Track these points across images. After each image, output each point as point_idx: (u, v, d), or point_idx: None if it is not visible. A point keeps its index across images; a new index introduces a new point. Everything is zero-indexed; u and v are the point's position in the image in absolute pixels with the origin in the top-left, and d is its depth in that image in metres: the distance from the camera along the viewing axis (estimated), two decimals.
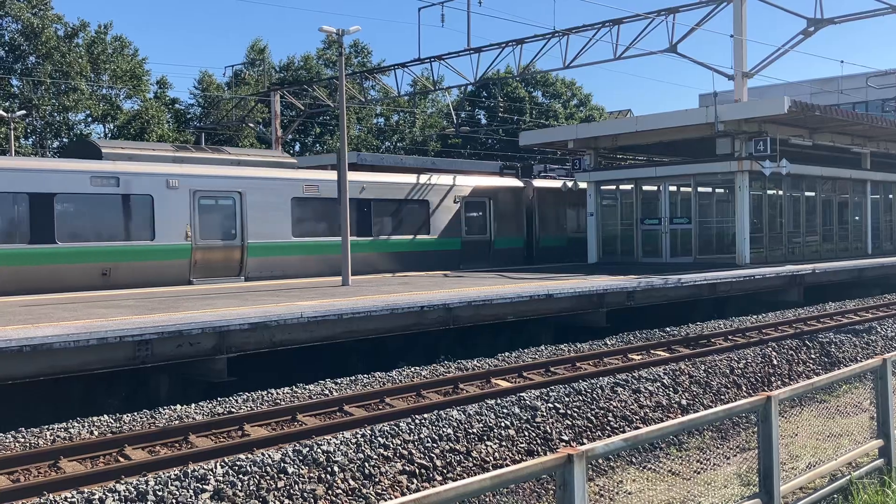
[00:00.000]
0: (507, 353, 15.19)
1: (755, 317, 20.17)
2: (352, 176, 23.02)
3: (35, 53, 48.14)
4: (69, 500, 7.32)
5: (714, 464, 9.08)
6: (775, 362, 14.83)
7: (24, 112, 44.16)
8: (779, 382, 14.09)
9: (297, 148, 61.91)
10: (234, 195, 21.88)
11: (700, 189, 28.03)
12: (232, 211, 21.90)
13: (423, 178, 27.33)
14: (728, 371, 13.85)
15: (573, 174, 31.36)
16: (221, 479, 7.93)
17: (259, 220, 22.20)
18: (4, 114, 40.88)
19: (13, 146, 40.77)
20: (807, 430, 9.54)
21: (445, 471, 9.11)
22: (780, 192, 28.62)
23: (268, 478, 8.11)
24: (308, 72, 59.42)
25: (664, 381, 12.74)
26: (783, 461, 7.31)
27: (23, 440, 9.74)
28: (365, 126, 62.91)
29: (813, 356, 15.71)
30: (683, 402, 12.32)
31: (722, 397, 12.92)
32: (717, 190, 29.46)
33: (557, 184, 31.38)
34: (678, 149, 30.18)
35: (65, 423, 10.38)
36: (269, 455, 8.55)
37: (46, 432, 10.03)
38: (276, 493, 7.95)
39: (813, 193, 30.48)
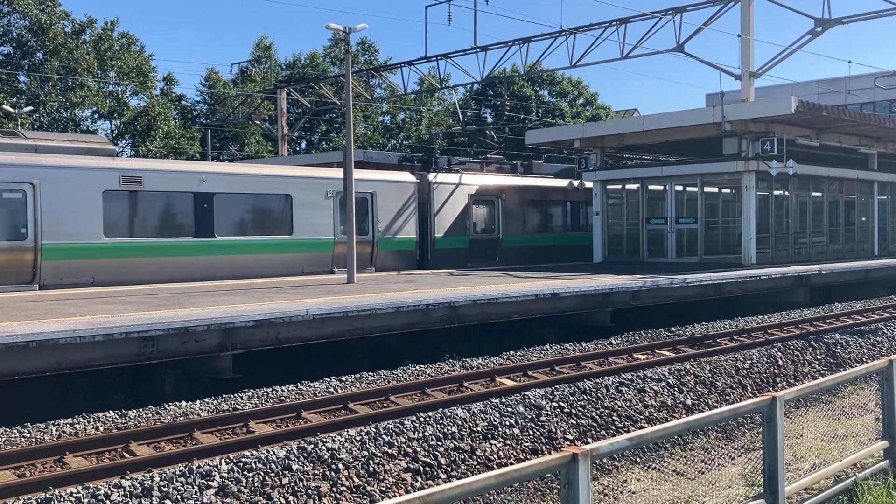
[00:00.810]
0: (512, 352, 15.19)
1: (761, 317, 20.14)
2: (191, 166, 21.25)
3: (42, 50, 48.29)
4: (74, 495, 7.34)
5: (718, 464, 9.09)
6: (781, 363, 14.81)
7: (31, 108, 44.29)
8: (784, 383, 14.07)
9: (303, 145, 62.01)
10: (25, 187, 18.39)
11: (706, 189, 27.97)
12: (20, 206, 18.42)
13: (281, 171, 24.43)
14: (733, 371, 13.83)
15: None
16: (226, 475, 7.95)
17: (58, 218, 18.75)
18: (12, 109, 41.01)
19: None
20: (812, 430, 9.54)
21: (450, 469, 9.12)
22: (787, 193, 28.55)
23: (272, 474, 8.12)
24: (314, 69, 59.47)
25: (669, 380, 12.73)
26: (788, 462, 7.30)
27: (28, 435, 9.78)
28: (371, 124, 62.95)
29: (819, 357, 15.68)
30: (688, 402, 12.31)
31: (727, 398, 12.91)
32: (723, 190, 29.41)
33: (465, 178, 28.10)
34: (684, 148, 30.12)
35: (70, 419, 10.42)
36: (274, 452, 8.57)
37: (52, 427, 10.06)
38: (280, 489, 7.96)
39: (820, 194, 30.40)
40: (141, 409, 10.91)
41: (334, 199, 23.63)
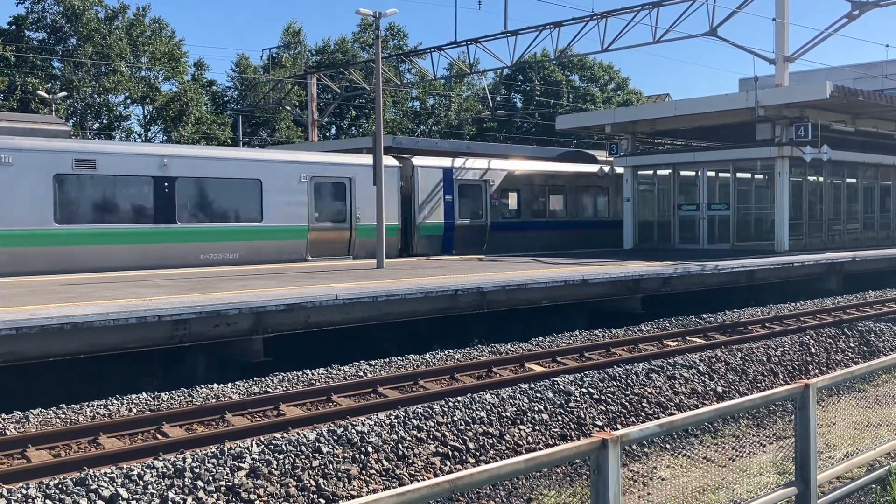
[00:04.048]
0: (541, 338, 15.16)
1: (793, 304, 19.93)
2: (151, 148, 20.19)
3: (76, 35, 48.80)
4: (108, 475, 7.44)
5: (749, 451, 9.03)
6: (813, 350, 14.65)
7: (65, 94, 44.76)
8: (816, 371, 13.93)
9: (332, 131, 62.16)
10: None
11: (739, 175, 27.69)
12: None
13: (250, 154, 23.72)
14: (765, 359, 13.71)
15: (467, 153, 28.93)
16: (257, 457, 8.03)
17: (4, 203, 17.97)
18: (46, 95, 41.48)
19: None
20: (845, 419, 9.43)
21: (478, 453, 9.13)
22: (821, 179, 28.19)
23: (303, 457, 8.18)
24: (344, 55, 59.52)
25: (700, 367, 12.64)
26: (820, 450, 7.23)
27: (63, 416, 9.93)
28: (401, 109, 62.94)
29: (852, 345, 15.49)
30: (719, 389, 12.23)
31: (758, 385, 12.81)
32: (756, 176, 29.09)
33: (447, 162, 26.80)
34: (717, 134, 29.83)
35: (104, 401, 10.55)
36: (304, 434, 8.63)
37: (86, 409, 10.20)
38: (310, 472, 8.02)
39: (854, 180, 29.99)
40: (173, 392, 11.03)
41: (309, 184, 22.58)
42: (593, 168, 30.95)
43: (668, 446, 9.59)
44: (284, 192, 22.16)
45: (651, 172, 29.52)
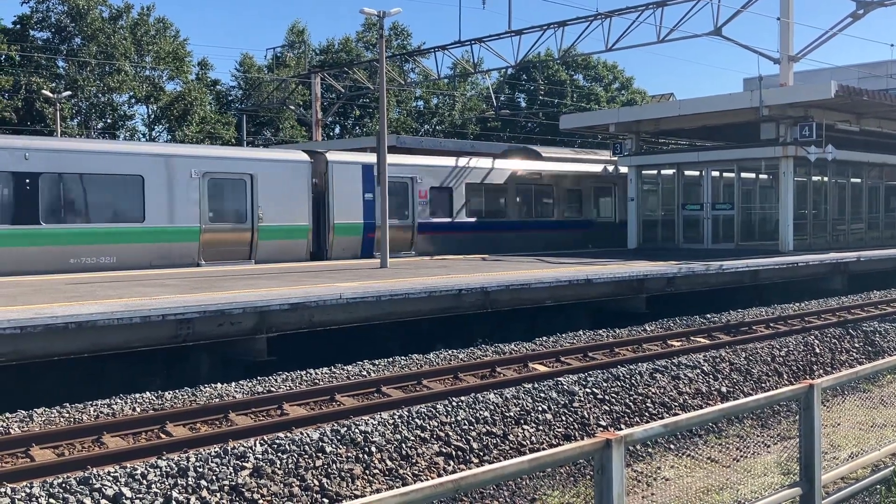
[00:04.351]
0: (544, 338, 15.15)
1: (797, 304, 19.90)
2: (8, 141, 18.46)
3: (80, 35, 48.85)
4: (112, 474, 7.45)
5: (754, 452, 9.01)
6: (818, 350, 14.63)
7: (69, 93, 44.82)
8: (821, 371, 13.90)
9: (336, 130, 62.19)
10: None
11: (743, 174, 27.65)
12: None
13: (130, 148, 22.20)
14: (769, 359, 13.69)
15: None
16: (261, 456, 8.03)
17: None
18: (51, 94, 41.55)
19: (59, 127, 41.43)
20: (849, 419, 9.40)
21: (482, 453, 9.13)
22: (825, 179, 28.13)
23: (306, 456, 8.18)
24: (348, 54, 59.54)
25: (704, 367, 12.63)
26: (824, 450, 7.22)
27: (67, 415, 9.94)
28: (404, 109, 62.94)
29: (856, 345, 15.46)
30: (723, 389, 12.21)
31: (763, 385, 12.79)
32: (760, 176, 29.04)
33: (368, 158, 24.86)
34: (721, 133, 29.77)
35: (108, 400, 10.56)
36: (308, 434, 8.63)
37: (90, 408, 10.21)
38: (314, 471, 8.02)
39: (859, 180, 29.93)
40: (177, 391, 11.04)
41: (202, 181, 20.59)
42: (538, 165, 29.23)
43: (672, 446, 9.58)
44: (171, 190, 20.18)
45: (655, 172, 29.49)
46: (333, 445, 8.45)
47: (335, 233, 23.32)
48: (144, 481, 7.40)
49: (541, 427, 9.92)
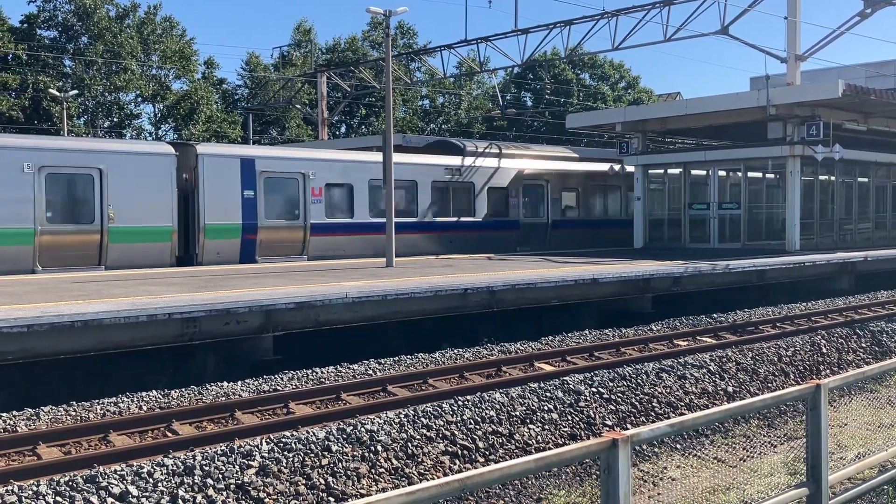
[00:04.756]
0: (550, 337, 15.13)
1: (804, 304, 19.85)
2: None
3: (87, 34, 48.96)
4: (118, 472, 7.46)
5: (760, 452, 8.98)
6: (824, 350, 14.58)
7: (76, 92, 44.93)
8: (828, 371, 13.86)
9: (342, 129, 62.22)
10: None
11: (750, 174, 27.59)
12: None
13: None
14: (776, 359, 13.65)
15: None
16: (267, 455, 8.03)
17: None
18: (58, 93, 41.64)
19: (66, 125, 41.54)
20: (856, 419, 9.38)
21: (488, 453, 9.12)
22: (832, 178, 28.05)
23: (312, 455, 8.19)
24: (354, 53, 59.57)
25: (710, 367, 12.60)
26: (831, 451, 7.19)
27: (74, 413, 9.95)
28: (410, 108, 62.95)
29: (863, 345, 15.42)
30: (730, 389, 12.18)
31: (769, 385, 12.75)
32: (767, 175, 28.98)
33: (249, 151, 23.30)
34: (728, 133, 29.71)
35: (114, 398, 10.58)
36: (314, 433, 8.63)
37: (97, 406, 10.23)
38: (320, 470, 8.02)
39: (866, 179, 29.84)
40: (183, 389, 11.05)
41: (37, 176, 18.25)
42: (454, 161, 26.82)
43: (678, 446, 9.56)
44: None
45: (661, 171, 29.44)
46: (339, 444, 8.45)
47: (206, 235, 20.83)
48: (151, 480, 7.41)
49: (547, 426, 9.91)
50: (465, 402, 9.95)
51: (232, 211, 21.27)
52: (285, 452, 8.14)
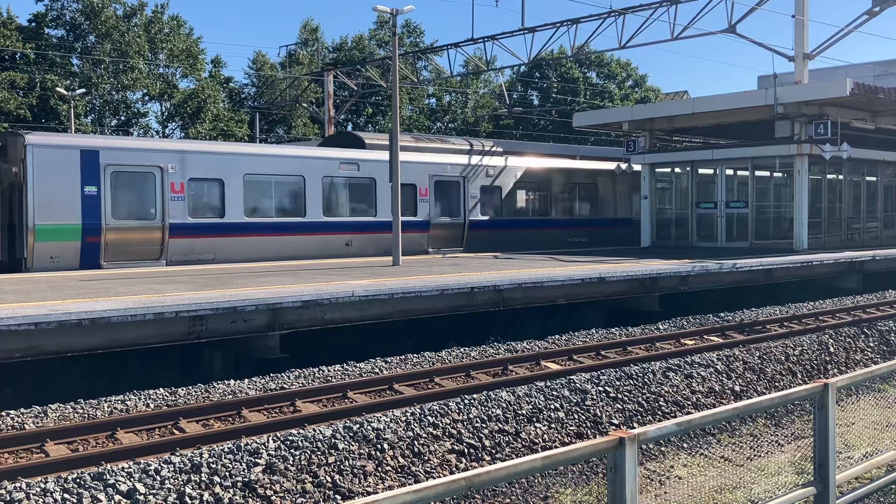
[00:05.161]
0: (557, 336, 15.13)
1: (812, 303, 19.80)
2: None
3: (95, 33, 49.04)
4: (126, 470, 7.48)
5: (767, 451, 8.97)
6: (832, 350, 14.54)
7: (83, 90, 45.03)
8: (835, 370, 13.83)
9: (349, 128, 62.24)
10: None
11: (757, 173, 27.53)
12: None
13: None
14: (783, 358, 13.62)
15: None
16: (273, 453, 8.04)
17: None
18: (65, 92, 41.73)
19: (73, 124, 41.64)
20: (864, 419, 9.35)
21: (494, 451, 9.12)
22: (840, 177, 27.98)
23: (319, 453, 8.20)
24: (361, 52, 59.57)
25: (717, 366, 12.58)
26: (839, 450, 7.18)
27: (81, 411, 9.99)
28: (417, 106, 62.94)
29: (871, 344, 15.37)
30: (737, 388, 12.16)
31: (776, 384, 12.73)
32: (775, 174, 28.91)
33: (91, 142, 20.60)
34: (735, 131, 29.64)
35: (122, 396, 10.62)
36: (321, 431, 8.64)
37: (104, 404, 10.26)
38: (326, 468, 8.03)
39: (874, 178, 29.75)
40: (190, 387, 11.08)
41: None
42: (355, 154, 24.20)
43: (685, 445, 9.54)
44: None
45: (668, 170, 29.39)
46: (346, 442, 8.46)
47: (37, 237, 18.27)
48: (158, 477, 7.43)
49: (553, 425, 9.91)
50: (472, 401, 9.95)
51: (70, 210, 18.73)
52: (292, 450, 8.15)
